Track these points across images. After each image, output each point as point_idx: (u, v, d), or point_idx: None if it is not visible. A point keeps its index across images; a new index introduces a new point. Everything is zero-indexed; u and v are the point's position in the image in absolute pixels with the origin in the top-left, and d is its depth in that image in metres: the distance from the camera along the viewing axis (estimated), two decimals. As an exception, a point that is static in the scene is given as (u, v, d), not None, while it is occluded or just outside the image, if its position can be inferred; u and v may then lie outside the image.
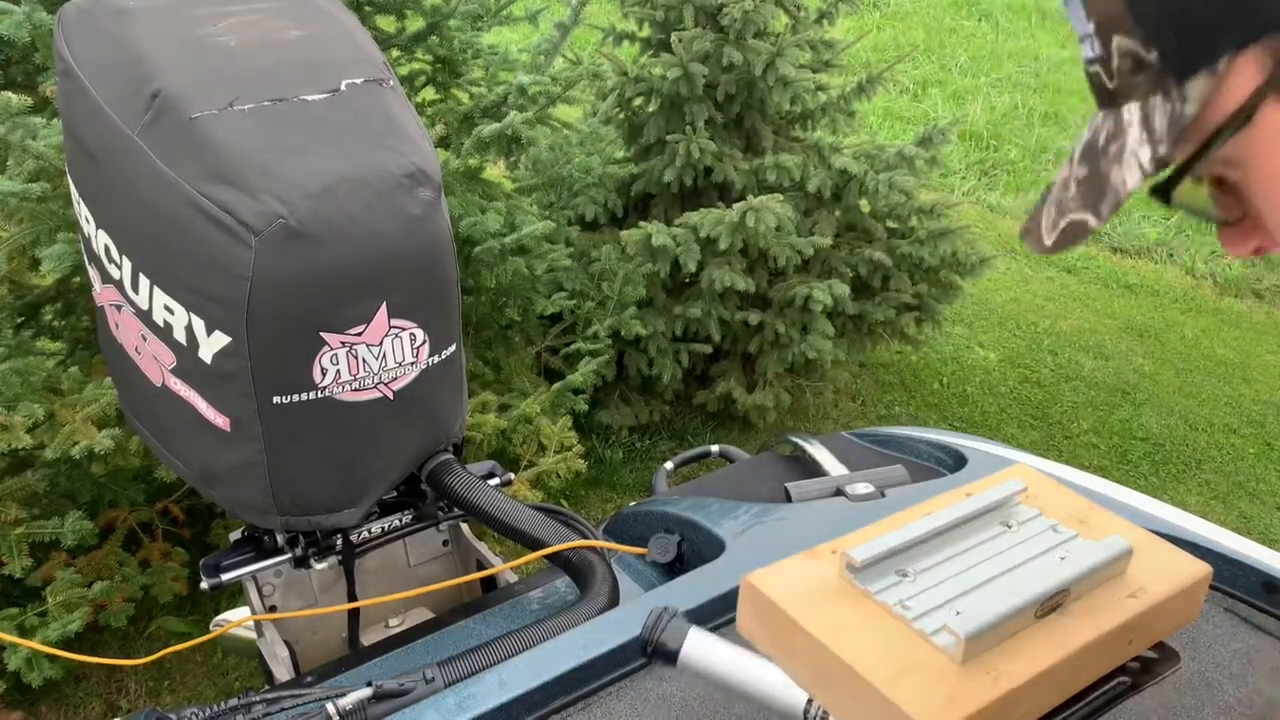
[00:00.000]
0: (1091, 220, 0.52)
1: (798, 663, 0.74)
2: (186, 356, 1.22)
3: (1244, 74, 0.46)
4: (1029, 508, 0.85)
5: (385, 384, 1.26)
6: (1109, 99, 0.52)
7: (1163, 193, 0.51)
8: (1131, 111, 0.50)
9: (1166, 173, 0.51)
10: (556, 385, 2.74)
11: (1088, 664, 0.73)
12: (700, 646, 0.88)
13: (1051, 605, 0.73)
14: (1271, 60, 0.45)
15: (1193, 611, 0.80)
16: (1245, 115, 0.46)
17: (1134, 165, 0.50)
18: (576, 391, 2.79)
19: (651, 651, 0.89)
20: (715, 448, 1.99)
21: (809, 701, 0.81)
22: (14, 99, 1.95)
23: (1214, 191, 0.53)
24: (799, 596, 0.74)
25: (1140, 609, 0.74)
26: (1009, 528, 0.82)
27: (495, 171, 3.09)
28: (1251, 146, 0.48)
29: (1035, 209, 0.56)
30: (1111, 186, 0.51)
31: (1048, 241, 0.54)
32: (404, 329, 1.25)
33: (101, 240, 1.27)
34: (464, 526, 1.73)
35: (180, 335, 1.21)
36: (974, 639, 0.68)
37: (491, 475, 1.57)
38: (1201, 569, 0.79)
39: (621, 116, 3.27)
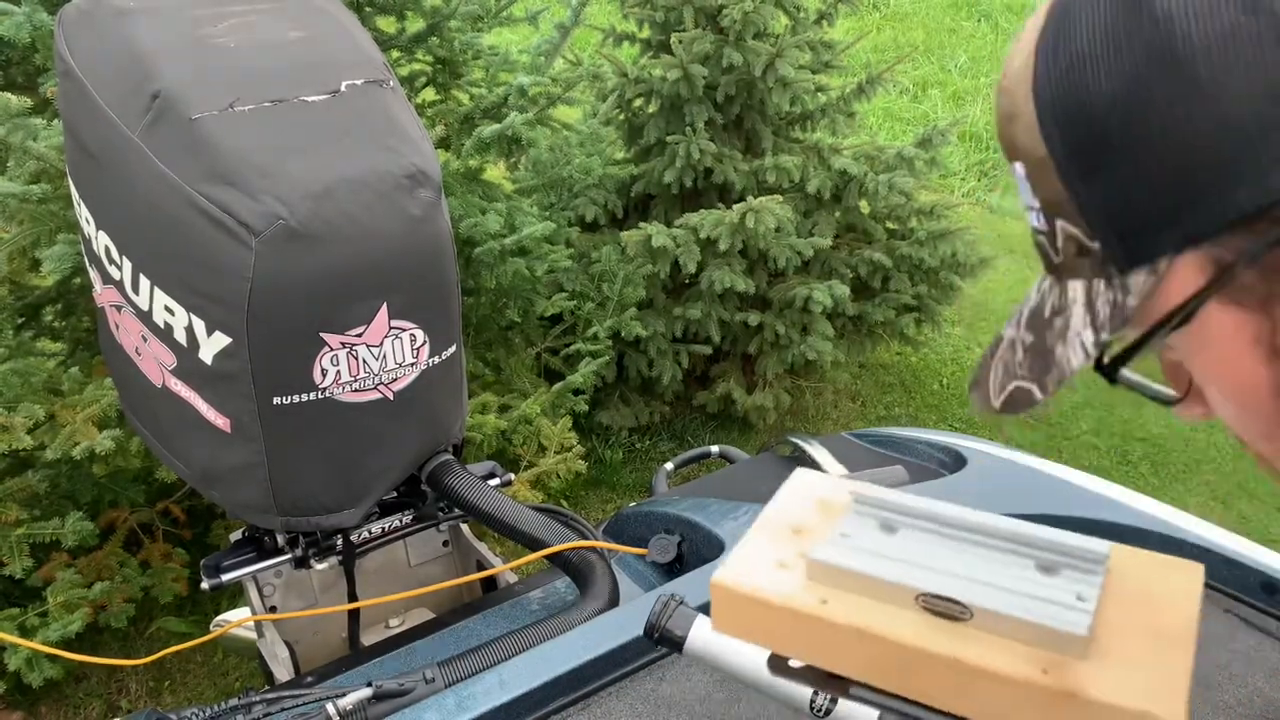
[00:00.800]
0: (1037, 392, 0.52)
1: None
2: (187, 357, 1.22)
3: (1184, 275, 0.45)
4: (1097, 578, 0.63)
5: (385, 385, 1.27)
6: (1054, 271, 0.51)
7: (1107, 373, 0.51)
8: (1076, 289, 0.50)
9: (1111, 352, 0.50)
10: (557, 386, 2.74)
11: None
12: (707, 634, 0.87)
13: (944, 610, 0.62)
14: (1211, 264, 0.44)
15: None
16: (1185, 315, 0.45)
17: (1078, 346, 0.50)
18: (576, 392, 2.79)
19: (658, 638, 0.88)
20: (715, 448, 2.00)
21: (815, 692, 0.80)
22: (14, 100, 1.95)
23: (1159, 362, 0.53)
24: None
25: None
26: (1045, 570, 0.64)
27: (495, 172, 3.09)
28: (1190, 343, 0.48)
29: (984, 362, 0.56)
30: (1056, 363, 0.51)
31: (995, 403, 0.54)
32: (404, 330, 1.25)
33: (102, 241, 1.27)
34: (464, 527, 1.73)
35: (180, 336, 1.21)
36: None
37: (491, 476, 1.57)
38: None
39: (621, 117, 3.27)
